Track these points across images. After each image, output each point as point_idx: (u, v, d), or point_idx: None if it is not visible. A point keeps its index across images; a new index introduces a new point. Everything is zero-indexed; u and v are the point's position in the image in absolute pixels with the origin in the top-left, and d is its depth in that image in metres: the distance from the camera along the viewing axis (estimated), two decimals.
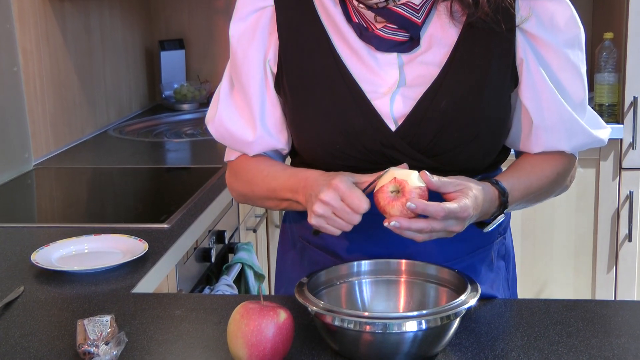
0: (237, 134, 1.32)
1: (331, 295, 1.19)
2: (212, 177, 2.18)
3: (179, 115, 3.19)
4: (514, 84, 1.25)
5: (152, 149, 2.71)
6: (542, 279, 3.04)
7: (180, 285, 1.76)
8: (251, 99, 1.29)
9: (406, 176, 1.13)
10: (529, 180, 1.26)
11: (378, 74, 1.24)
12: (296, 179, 1.24)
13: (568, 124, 1.26)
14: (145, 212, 1.96)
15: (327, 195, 1.14)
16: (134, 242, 1.61)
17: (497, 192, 1.21)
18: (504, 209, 1.22)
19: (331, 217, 1.15)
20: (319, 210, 1.15)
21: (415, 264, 1.22)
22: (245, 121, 1.31)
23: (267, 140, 1.31)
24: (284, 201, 1.28)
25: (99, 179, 2.34)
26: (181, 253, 1.73)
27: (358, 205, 1.13)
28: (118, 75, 3.07)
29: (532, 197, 1.28)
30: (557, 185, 1.31)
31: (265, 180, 1.30)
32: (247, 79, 1.29)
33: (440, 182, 1.14)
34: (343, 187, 1.14)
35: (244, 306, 1.06)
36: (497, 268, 1.36)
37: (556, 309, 1.25)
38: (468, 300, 1.09)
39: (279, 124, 1.31)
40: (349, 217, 1.14)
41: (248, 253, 2.18)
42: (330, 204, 1.14)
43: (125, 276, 1.47)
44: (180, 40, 3.42)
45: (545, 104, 1.25)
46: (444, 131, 1.22)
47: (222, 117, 1.33)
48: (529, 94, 1.24)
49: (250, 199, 1.36)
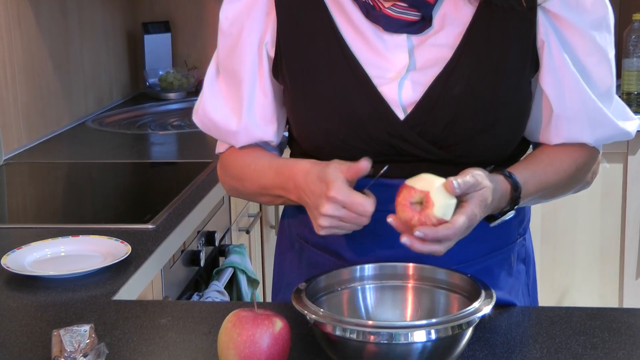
0: (220, 124, 1.33)
1: (332, 302, 1.19)
2: (201, 173, 2.18)
3: (164, 105, 3.20)
4: (535, 69, 1.25)
5: (135, 142, 2.71)
6: (563, 285, 3.04)
7: (166, 291, 1.76)
8: (240, 85, 1.30)
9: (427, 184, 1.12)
10: (545, 173, 1.26)
11: (385, 57, 1.24)
12: (283, 178, 1.25)
13: (592, 113, 1.26)
14: (128, 212, 1.96)
15: (329, 209, 1.15)
16: (115, 244, 1.62)
17: (510, 186, 1.21)
18: (515, 205, 1.22)
19: (339, 225, 1.17)
20: (325, 223, 1.17)
21: (424, 268, 1.22)
22: (230, 109, 1.32)
23: (253, 130, 1.31)
24: (278, 198, 1.29)
25: (76, 175, 2.34)
26: (167, 256, 1.73)
27: (364, 210, 1.14)
28: (97, 62, 3.07)
29: (547, 192, 1.28)
30: (576, 180, 1.31)
31: (253, 176, 1.31)
32: (238, 64, 1.29)
33: (464, 187, 1.13)
34: (341, 197, 1.14)
35: (236, 314, 1.06)
36: (516, 272, 1.36)
37: (579, 318, 1.25)
38: (482, 308, 1.09)
39: (268, 114, 1.31)
40: (357, 221, 1.16)
41: (240, 256, 2.18)
42: (335, 215, 1.15)
43: (106, 282, 1.47)
44: (165, 23, 3.42)
45: (567, 91, 1.25)
46: (457, 120, 1.22)
47: (205, 106, 1.34)
48: (549, 79, 1.24)
49: (242, 194, 1.38)
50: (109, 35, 3.18)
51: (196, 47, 3.47)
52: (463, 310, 1.08)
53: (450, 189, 1.12)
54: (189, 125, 2.89)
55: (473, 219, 1.13)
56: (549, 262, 3.01)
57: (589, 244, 3.00)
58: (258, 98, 1.30)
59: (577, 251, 3.02)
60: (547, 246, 3.00)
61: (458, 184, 1.12)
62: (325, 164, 1.18)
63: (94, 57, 3.04)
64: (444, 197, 1.12)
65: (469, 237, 1.27)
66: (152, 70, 3.34)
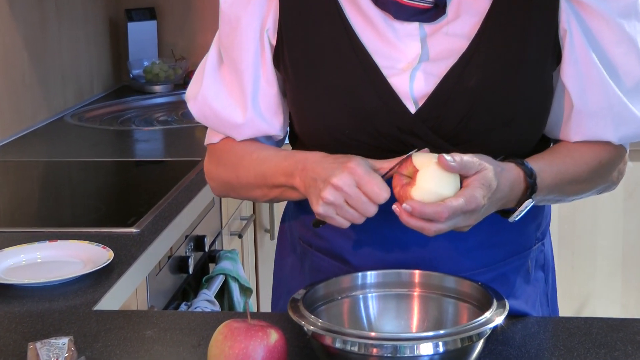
0: (224, 115, 1.32)
1: (331, 312, 1.19)
2: (189, 173, 2.18)
3: (149, 99, 3.20)
4: (557, 62, 1.25)
5: (117, 139, 2.71)
6: (583, 294, 3.05)
7: (151, 300, 1.76)
8: (242, 75, 1.30)
9: (425, 162, 1.14)
10: (563, 164, 1.26)
11: (396, 47, 1.25)
12: (293, 160, 1.24)
13: (616, 109, 1.26)
14: (110, 214, 1.96)
15: (342, 179, 1.14)
16: (96, 249, 1.62)
17: (523, 173, 1.21)
18: (532, 193, 1.21)
19: (343, 206, 1.15)
20: (330, 197, 1.15)
21: (431, 275, 1.22)
22: (235, 101, 1.32)
23: (259, 123, 1.31)
24: (275, 188, 1.28)
25: (54, 174, 2.35)
26: (153, 263, 1.73)
27: (378, 193, 1.13)
28: (77, 51, 3.07)
29: (567, 186, 1.27)
30: (600, 177, 1.31)
31: (254, 164, 1.30)
32: (239, 52, 1.30)
33: (462, 164, 1.13)
34: (361, 171, 1.14)
35: (227, 325, 1.06)
36: (534, 280, 1.36)
37: (600, 330, 1.26)
38: (493, 319, 1.09)
39: (273, 105, 1.32)
40: (364, 208, 1.14)
41: (232, 262, 2.18)
42: (344, 190, 1.14)
43: (86, 290, 1.47)
44: (151, 10, 3.42)
45: (590, 85, 1.25)
46: (472, 114, 1.23)
47: (207, 94, 1.33)
48: (570, 72, 1.25)
49: (234, 189, 1.36)
50: (89, 22, 3.18)
51: (184, 36, 3.47)
52: (473, 321, 1.08)
53: (445, 165, 1.12)
54: (177, 120, 2.89)
55: (472, 202, 1.13)
56: (567, 269, 3.01)
57: (610, 249, 3.01)
58: (263, 88, 1.31)
59: (597, 257, 3.03)
60: (565, 252, 3.00)
61: (453, 159, 1.12)
62: (347, 156, 1.18)
63: (73, 47, 3.04)
64: (432, 182, 1.13)
65: (482, 241, 1.27)
66: (136, 60, 3.34)
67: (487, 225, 1.25)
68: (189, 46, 3.45)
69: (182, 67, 3.36)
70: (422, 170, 1.13)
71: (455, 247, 1.27)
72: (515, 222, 1.28)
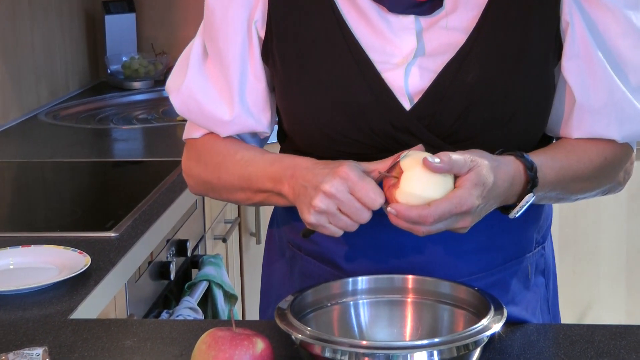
0: (209, 109, 1.32)
1: (320, 320, 1.19)
2: (171, 173, 2.18)
3: (128, 96, 3.19)
4: (559, 55, 1.26)
5: (94, 138, 2.70)
6: (585, 300, 3.06)
7: (131, 308, 1.76)
8: (229, 68, 1.30)
9: (412, 164, 1.14)
10: (567, 160, 1.26)
11: (391, 41, 1.25)
12: (281, 166, 1.24)
13: (619, 106, 1.26)
14: (87, 218, 1.96)
15: (334, 185, 1.14)
16: (72, 255, 1.61)
17: (523, 166, 1.21)
18: (533, 187, 1.21)
19: (335, 214, 1.15)
20: (321, 205, 1.15)
21: (425, 280, 1.23)
22: (221, 95, 1.32)
23: (246, 120, 1.32)
24: (260, 193, 1.28)
25: (27, 176, 2.34)
26: (132, 269, 1.73)
27: (372, 199, 1.14)
28: (51, 45, 3.07)
29: (570, 183, 1.27)
30: (605, 175, 1.31)
31: (238, 165, 1.30)
32: (225, 44, 1.30)
33: (450, 164, 1.13)
34: (354, 176, 1.14)
35: (211, 334, 1.06)
36: (534, 285, 1.36)
37: (603, 337, 1.26)
38: (491, 326, 1.09)
39: (261, 101, 1.32)
40: (357, 215, 1.15)
41: (216, 268, 2.18)
42: (337, 196, 1.14)
43: (62, 298, 1.47)
44: (129, 1, 3.41)
45: (592, 80, 1.25)
46: (470, 111, 1.23)
47: (192, 87, 1.33)
48: (571, 66, 1.25)
49: (214, 189, 1.36)
50: (64, 15, 3.18)
51: (165, 30, 3.46)
52: (470, 329, 1.09)
53: (430, 167, 1.13)
54: (157, 118, 2.89)
55: (464, 203, 1.13)
56: (568, 274, 3.02)
57: (613, 253, 3.02)
58: (250, 83, 1.31)
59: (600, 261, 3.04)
60: (566, 254, 3.01)
61: (440, 159, 1.12)
62: (339, 162, 1.19)
63: (46, 41, 3.03)
64: (416, 185, 1.13)
65: (480, 245, 1.28)
66: (114, 55, 3.34)
67: (485, 228, 1.25)
68: (170, 40, 3.45)
69: (163, 63, 3.35)
70: (406, 172, 1.14)
71: (451, 251, 1.27)
72: (515, 225, 1.28)
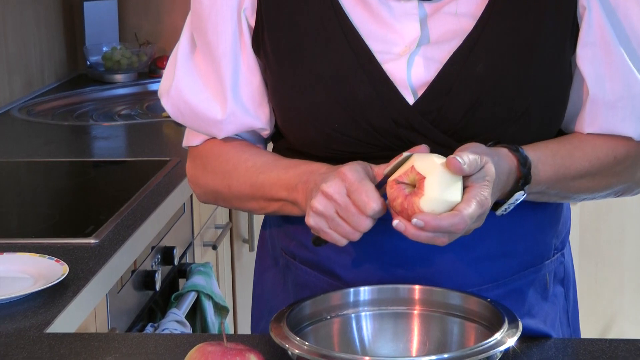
0: (201, 110, 1.33)
1: (319, 334, 1.19)
2: (156, 175, 2.18)
3: (110, 90, 3.19)
4: (576, 46, 1.26)
5: (73, 136, 2.70)
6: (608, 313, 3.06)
7: (113, 322, 1.76)
8: (220, 62, 1.30)
9: (430, 167, 1.14)
10: (570, 157, 1.26)
11: (392, 28, 1.25)
12: (296, 172, 1.25)
13: (637, 99, 1.27)
14: (65, 223, 1.96)
15: (332, 186, 1.15)
16: (48, 263, 1.61)
17: (517, 161, 1.22)
18: (525, 184, 1.22)
19: (333, 218, 1.16)
20: (319, 207, 1.16)
21: (433, 290, 1.23)
22: (213, 93, 1.32)
23: (242, 117, 1.32)
24: (275, 202, 1.29)
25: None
26: (114, 278, 1.73)
27: (365, 202, 1.14)
28: (24, 35, 3.07)
29: (571, 181, 1.27)
30: (616, 175, 1.31)
31: (249, 173, 1.30)
32: (214, 35, 1.30)
33: (470, 165, 1.14)
34: (352, 176, 1.15)
35: (200, 349, 1.06)
36: (552, 296, 1.36)
37: (627, 353, 1.26)
38: (505, 340, 1.10)
39: (257, 95, 1.32)
40: (354, 221, 1.15)
41: (206, 277, 2.19)
42: (334, 198, 1.15)
43: (38, 310, 1.47)
44: None
45: (608, 71, 1.26)
46: (479, 105, 1.23)
47: (180, 88, 1.34)
48: (586, 54, 1.26)
49: (224, 199, 1.37)
50: (39, 1, 3.18)
51: (149, 17, 3.46)
52: (482, 343, 1.09)
53: (455, 168, 1.13)
54: (141, 114, 2.89)
55: (484, 203, 1.14)
56: (590, 284, 3.02)
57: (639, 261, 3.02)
58: (244, 76, 1.31)
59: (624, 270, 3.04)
60: (588, 264, 3.01)
61: (464, 161, 1.13)
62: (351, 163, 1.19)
63: (20, 30, 3.03)
64: (441, 190, 1.13)
65: (492, 251, 1.28)
66: (94, 45, 3.34)
67: (497, 233, 1.26)
68: (155, 29, 3.45)
69: (147, 54, 3.35)
70: (429, 176, 1.13)
71: (461, 259, 1.28)
72: (530, 230, 1.29)
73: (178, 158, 2.28)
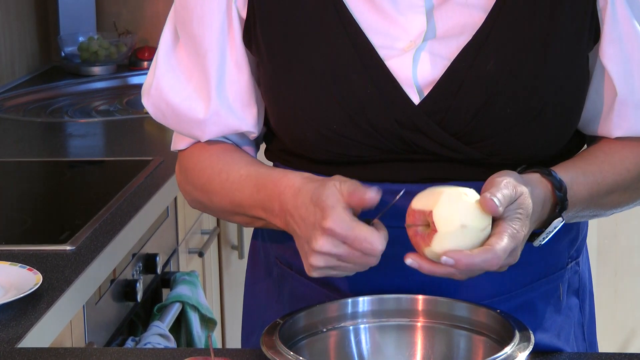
0: (182, 110, 1.33)
1: (314, 348, 1.20)
2: (137, 176, 2.18)
3: (87, 84, 3.19)
4: (595, 39, 1.27)
5: (46, 134, 2.70)
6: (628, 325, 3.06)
7: (90, 336, 1.77)
8: (205, 57, 1.31)
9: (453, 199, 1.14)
10: (600, 172, 1.27)
11: (396, 22, 1.25)
12: (266, 194, 1.25)
13: None
14: (38, 228, 1.96)
15: (324, 245, 1.15)
16: (20, 272, 1.61)
17: (551, 186, 1.22)
18: (563, 210, 1.23)
19: (339, 265, 1.17)
20: (319, 263, 1.17)
21: (438, 301, 1.23)
22: (195, 90, 1.32)
23: (226, 118, 1.32)
24: (258, 220, 1.29)
25: None
26: (92, 288, 1.73)
27: (371, 249, 1.14)
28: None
29: (604, 198, 1.28)
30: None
31: (225, 188, 1.31)
32: (200, 28, 1.30)
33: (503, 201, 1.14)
34: (340, 230, 1.14)
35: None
36: (566, 308, 1.37)
37: None
38: (516, 355, 1.10)
39: (244, 94, 1.32)
40: (362, 261, 1.16)
41: (191, 287, 2.19)
42: (332, 252, 1.16)
43: (8, 323, 1.47)
44: None
45: (637, 68, 1.26)
46: (490, 106, 1.24)
47: (161, 86, 1.34)
48: (612, 51, 1.26)
49: (210, 210, 1.39)
50: None
51: (129, 5, 3.46)
52: (491, 358, 1.09)
53: (490, 209, 1.13)
54: (120, 110, 2.89)
55: (517, 237, 1.15)
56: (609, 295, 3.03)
57: None
58: (230, 74, 1.31)
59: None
60: (606, 272, 3.02)
61: (499, 200, 1.13)
62: (322, 183, 1.18)
63: None
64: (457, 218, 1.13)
65: None
66: (68, 35, 3.34)
67: None
68: (136, 17, 3.45)
69: (127, 44, 3.35)
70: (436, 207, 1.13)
71: None
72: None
73: (161, 158, 2.28)
